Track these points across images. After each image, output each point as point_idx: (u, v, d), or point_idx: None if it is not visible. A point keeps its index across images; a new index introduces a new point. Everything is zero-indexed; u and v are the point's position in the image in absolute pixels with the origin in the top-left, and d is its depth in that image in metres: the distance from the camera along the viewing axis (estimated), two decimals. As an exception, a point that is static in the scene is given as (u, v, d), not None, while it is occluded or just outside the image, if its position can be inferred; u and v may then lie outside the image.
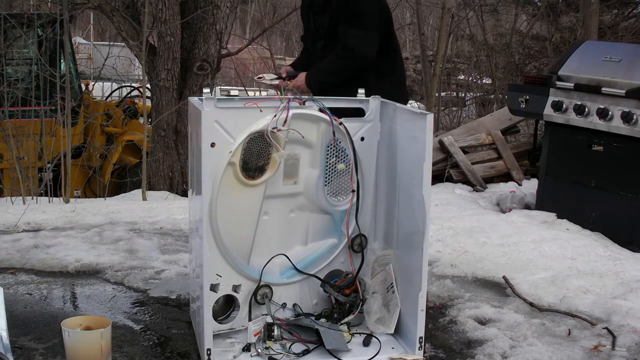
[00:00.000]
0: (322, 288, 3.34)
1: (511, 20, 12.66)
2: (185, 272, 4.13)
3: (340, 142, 3.24)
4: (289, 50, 19.87)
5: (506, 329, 3.49)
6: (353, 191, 3.29)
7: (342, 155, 3.26)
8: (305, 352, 3.05)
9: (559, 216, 5.40)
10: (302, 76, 3.70)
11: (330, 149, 3.24)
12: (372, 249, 3.42)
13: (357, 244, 3.38)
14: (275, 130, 3.05)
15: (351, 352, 3.08)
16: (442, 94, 12.33)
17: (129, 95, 10.03)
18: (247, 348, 3.06)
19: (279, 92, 3.45)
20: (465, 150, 7.47)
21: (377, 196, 3.36)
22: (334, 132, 3.18)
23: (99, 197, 7.67)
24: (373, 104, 3.27)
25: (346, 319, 3.28)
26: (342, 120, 3.20)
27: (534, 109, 5.66)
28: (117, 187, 8.32)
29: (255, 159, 3.11)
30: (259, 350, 3.03)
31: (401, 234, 3.20)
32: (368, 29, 3.45)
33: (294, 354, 3.03)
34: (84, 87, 9.37)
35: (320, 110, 3.15)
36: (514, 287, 4.00)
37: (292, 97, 3.11)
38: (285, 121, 3.06)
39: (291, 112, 3.08)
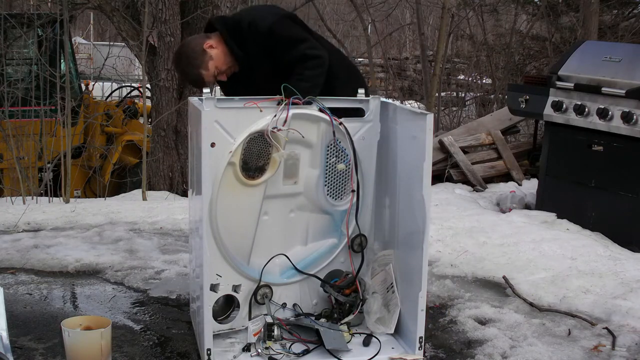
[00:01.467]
0: (322, 288, 3.34)
1: (511, 20, 12.65)
2: (185, 272, 4.13)
3: (340, 142, 3.24)
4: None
5: (506, 329, 3.49)
6: (353, 191, 3.29)
7: (342, 155, 3.26)
8: (305, 352, 3.05)
9: (559, 216, 5.40)
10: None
11: (330, 149, 3.24)
12: (372, 249, 3.42)
13: (357, 244, 3.38)
14: (275, 130, 3.05)
15: (351, 352, 3.08)
16: (442, 94, 12.32)
17: (129, 95, 10.03)
18: (247, 348, 3.07)
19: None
20: (465, 150, 7.47)
21: (377, 196, 3.36)
22: (334, 132, 3.19)
23: (99, 197, 7.67)
24: (373, 104, 3.27)
25: (346, 319, 3.28)
26: (342, 120, 3.20)
27: (534, 109, 5.66)
28: (117, 187, 8.31)
29: (255, 159, 3.11)
30: (259, 350, 3.04)
31: (401, 234, 3.20)
32: (307, 38, 3.44)
33: (294, 354, 3.03)
34: (84, 87, 9.37)
35: (320, 110, 3.15)
36: (514, 287, 4.00)
37: (292, 97, 3.10)
38: (285, 121, 3.06)
39: (291, 112, 3.08)
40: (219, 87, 3.77)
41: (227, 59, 3.39)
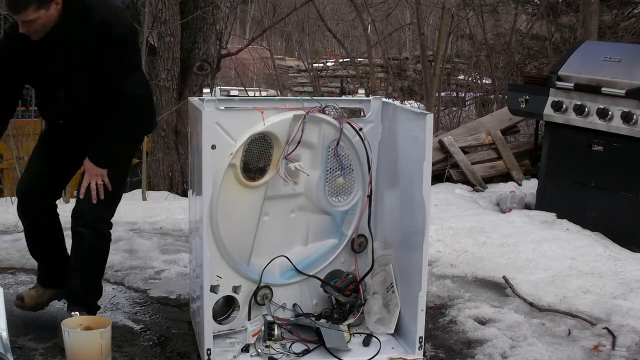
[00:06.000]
0: (323, 288, 3.34)
1: (511, 20, 12.64)
2: (185, 272, 4.13)
3: (343, 149, 3.23)
4: (289, 50, 19.88)
5: (506, 329, 3.49)
6: (368, 196, 3.29)
7: (344, 163, 3.26)
8: (306, 351, 3.05)
9: (559, 216, 5.40)
10: (89, 166, 3.09)
11: (331, 152, 3.24)
12: (370, 248, 3.42)
13: (357, 244, 3.38)
14: (290, 165, 3.10)
15: (351, 351, 3.08)
16: (442, 94, 12.31)
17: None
18: (246, 348, 3.06)
19: None
20: (465, 150, 7.46)
21: (377, 196, 3.36)
22: (338, 141, 3.19)
23: (99, 197, 7.65)
24: (374, 105, 3.27)
25: (347, 322, 3.28)
26: (349, 119, 3.21)
27: (534, 109, 5.66)
28: (117, 187, 8.30)
29: (256, 160, 3.11)
30: (259, 350, 3.04)
31: (401, 234, 3.20)
32: (140, 68, 3.21)
33: (294, 353, 3.04)
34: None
35: (337, 119, 3.15)
36: (514, 287, 4.00)
37: (313, 106, 3.11)
38: (299, 141, 3.08)
39: (292, 113, 3.08)
40: (218, 88, 3.77)
41: (50, 24, 2.97)
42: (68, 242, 4.62)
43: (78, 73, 3.05)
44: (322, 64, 15.36)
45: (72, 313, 3.13)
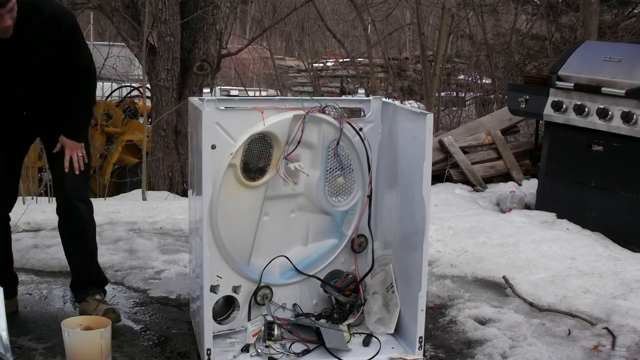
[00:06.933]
0: (323, 288, 3.34)
1: (511, 20, 12.64)
2: (185, 272, 4.13)
3: (343, 149, 3.23)
4: (289, 50, 19.88)
5: (506, 329, 3.49)
6: (368, 196, 3.29)
7: (344, 163, 3.26)
8: (306, 351, 3.06)
9: (559, 216, 5.40)
10: (69, 142, 3.36)
11: (331, 152, 3.24)
12: (370, 248, 3.42)
13: (357, 244, 3.38)
14: (290, 165, 3.11)
15: (351, 351, 3.08)
16: (442, 94, 12.31)
17: (129, 95, 10.02)
18: (246, 349, 3.07)
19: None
20: (465, 150, 7.46)
21: (377, 196, 3.36)
22: (338, 141, 3.19)
23: (99, 197, 7.67)
24: (375, 105, 3.27)
25: (347, 322, 3.28)
26: (350, 119, 3.21)
27: (534, 109, 5.66)
28: (117, 187, 8.31)
29: (256, 160, 3.11)
30: (259, 350, 3.04)
31: (401, 234, 3.20)
32: (85, 44, 3.43)
33: (294, 353, 3.04)
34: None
35: (337, 119, 3.15)
36: (514, 287, 4.00)
37: (313, 106, 3.11)
38: (299, 141, 3.09)
39: (292, 113, 3.08)
40: (218, 88, 3.77)
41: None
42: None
43: (37, 60, 3.25)
44: (322, 64, 15.36)
45: (97, 297, 3.39)
